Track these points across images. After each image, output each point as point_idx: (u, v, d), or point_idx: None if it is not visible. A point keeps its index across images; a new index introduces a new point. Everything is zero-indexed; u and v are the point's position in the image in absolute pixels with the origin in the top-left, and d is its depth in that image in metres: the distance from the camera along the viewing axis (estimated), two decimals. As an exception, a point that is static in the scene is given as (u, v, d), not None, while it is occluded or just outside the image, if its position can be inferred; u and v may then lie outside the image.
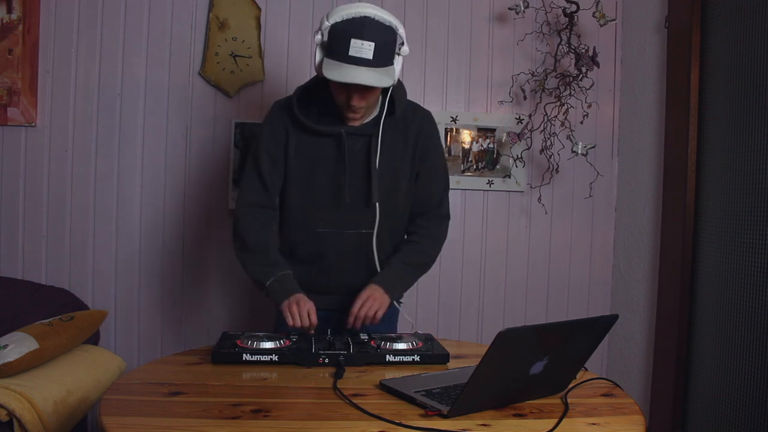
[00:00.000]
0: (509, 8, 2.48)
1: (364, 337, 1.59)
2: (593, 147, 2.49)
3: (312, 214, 1.66)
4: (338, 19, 1.45)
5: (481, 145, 2.60)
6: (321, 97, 1.62)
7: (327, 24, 1.47)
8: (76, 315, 2.04)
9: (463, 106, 2.61)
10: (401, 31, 1.51)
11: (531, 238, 2.67)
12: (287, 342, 1.51)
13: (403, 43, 1.54)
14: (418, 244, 1.73)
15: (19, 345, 1.75)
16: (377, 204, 1.62)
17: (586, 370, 1.41)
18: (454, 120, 2.58)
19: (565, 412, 1.16)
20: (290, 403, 1.19)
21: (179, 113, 2.46)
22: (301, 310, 1.51)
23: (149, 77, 2.44)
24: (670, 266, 2.29)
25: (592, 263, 2.70)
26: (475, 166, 2.60)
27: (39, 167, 2.41)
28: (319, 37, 1.50)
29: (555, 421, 1.11)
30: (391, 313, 1.75)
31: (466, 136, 2.59)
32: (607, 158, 2.69)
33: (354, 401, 1.18)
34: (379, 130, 1.61)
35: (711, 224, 2.13)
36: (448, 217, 1.78)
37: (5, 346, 1.73)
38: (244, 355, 1.43)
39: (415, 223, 1.75)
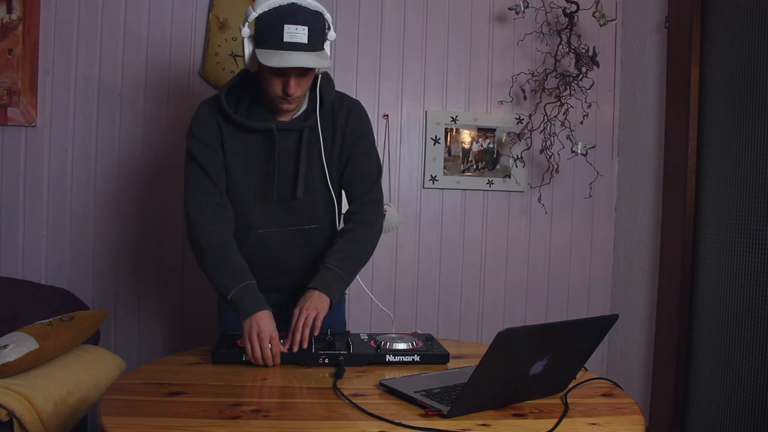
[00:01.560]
0: (509, 8, 2.48)
1: (364, 337, 1.60)
2: (593, 147, 2.49)
3: (250, 213, 1.63)
4: (266, 8, 1.44)
5: (481, 145, 2.60)
6: (249, 94, 1.60)
7: (254, 14, 1.45)
8: (76, 315, 2.04)
9: (463, 106, 2.61)
10: (327, 16, 1.51)
11: (531, 238, 2.67)
12: (287, 342, 1.51)
13: (329, 28, 1.53)
14: (353, 233, 1.65)
15: (19, 345, 1.75)
16: (333, 196, 1.62)
17: (586, 370, 1.41)
18: (454, 120, 2.58)
19: (565, 412, 1.16)
20: (290, 403, 1.19)
21: (179, 113, 2.46)
22: (263, 344, 1.41)
23: (149, 77, 2.44)
24: (670, 266, 2.29)
25: (592, 263, 2.70)
26: (475, 166, 2.60)
27: (39, 167, 2.41)
28: (246, 29, 1.49)
29: (555, 421, 1.11)
30: (336, 308, 1.68)
31: (466, 136, 2.59)
32: (607, 158, 2.69)
33: (354, 401, 1.17)
34: (317, 123, 1.59)
35: (711, 224, 2.13)
36: (380, 202, 1.73)
37: (5, 346, 1.73)
38: (244, 355, 1.43)
39: (349, 211, 1.70)
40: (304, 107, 1.63)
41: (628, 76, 2.65)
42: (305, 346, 1.46)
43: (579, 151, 2.44)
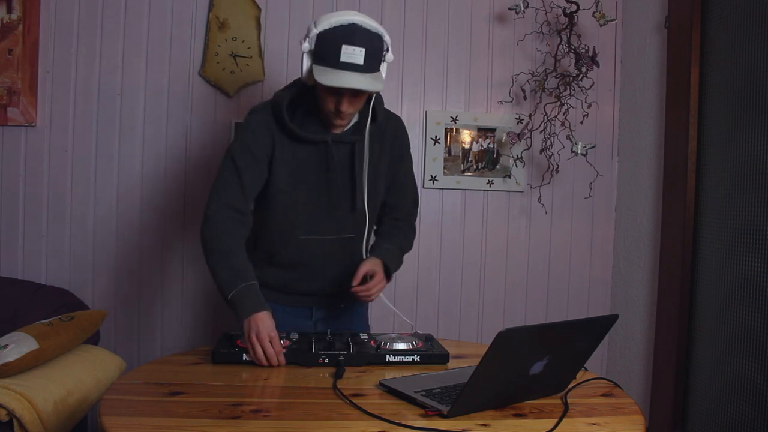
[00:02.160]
0: (509, 8, 2.48)
1: (364, 337, 1.60)
2: (593, 147, 2.49)
3: (295, 220, 1.66)
4: (327, 27, 1.46)
5: (481, 145, 2.60)
6: (305, 105, 1.63)
7: (315, 31, 1.48)
8: (76, 315, 2.04)
9: (463, 106, 2.61)
10: (387, 38, 1.54)
11: (531, 238, 2.67)
12: (287, 342, 1.51)
13: (387, 50, 1.56)
14: (405, 232, 1.82)
15: (19, 345, 1.75)
16: (366, 209, 1.65)
17: (586, 370, 1.41)
18: (454, 120, 2.58)
19: (565, 412, 1.16)
20: (290, 403, 1.19)
21: (179, 113, 2.46)
22: (264, 344, 1.42)
23: (149, 77, 2.44)
24: (670, 266, 2.29)
25: (592, 263, 2.70)
26: (475, 166, 2.60)
27: (39, 167, 2.41)
28: (306, 44, 1.51)
29: (555, 421, 1.11)
30: (361, 311, 1.86)
31: (466, 136, 2.59)
32: (607, 158, 2.69)
33: (354, 401, 1.18)
34: (365, 138, 1.63)
35: (711, 224, 2.13)
36: (416, 215, 1.91)
37: (5, 346, 1.73)
38: (244, 355, 1.43)
39: (395, 216, 1.82)
40: (354, 120, 1.66)
41: (628, 76, 2.65)
42: (372, 299, 1.64)
43: (579, 151, 2.44)
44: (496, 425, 1.09)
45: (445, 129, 2.58)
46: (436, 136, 2.57)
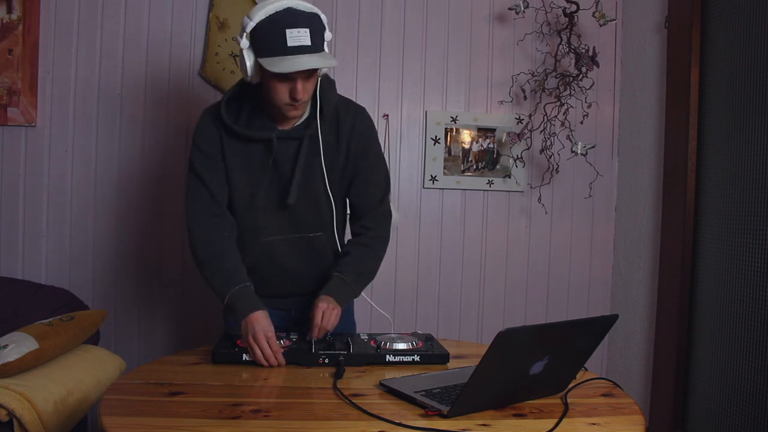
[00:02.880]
0: (509, 8, 2.48)
1: (364, 337, 1.60)
2: (593, 147, 2.49)
3: (254, 221, 1.64)
4: (263, 16, 1.43)
5: (481, 145, 2.60)
6: (249, 103, 1.59)
7: (252, 23, 1.44)
8: (76, 315, 2.04)
9: (463, 106, 2.61)
10: (323, 16, 1.50)
11: (531, 238, 2.67)
12: (287, 342, 1.51)
13: (325, 29, 1.51)
14: (369, 248, 1.67)
15: (19, 345, 1.75)
16: (333, 204, 1.60)
17: (586, 370, 1.41)
18: (454, 120, 2.58)
19: (565, 412, 1.16)
20: (290, 403, 1.19)
21: (179, 113, 2.46)
22: (261, 344, 1.42)
23: (149, 77, 2.44)
24: (670, 266, 2.29)
25: (592, 263, 2.70)
26: (475, 166, 2.60)
27: (39, 167, 2.41)
28: (245, 41, 1.47)
29: (555, 421, 1.11)
30: (345, 311, 1.70)
31: (466, 136, 2.59)
32: (607, 158, 2.69)
33: (354, 401, 1.18)
34: (317, 131, 1.58)
35: (711, 224, 2.13)
36: (390, 215, 1.74)
37: (5, 346, 1.73)
38: (244, 355, 1.43)
39: (361, 224, 1.70)
40: (306, 115, 1.61)
41: (628, 76, 2.65)
42: (331, 329, 1.52)
43: (579, 151, 2.44)
44: (496, 425, 1.09)
45: (445, 129, 2.58)
46: (436, 136, 2.57)
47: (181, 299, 2.50)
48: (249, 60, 1.48)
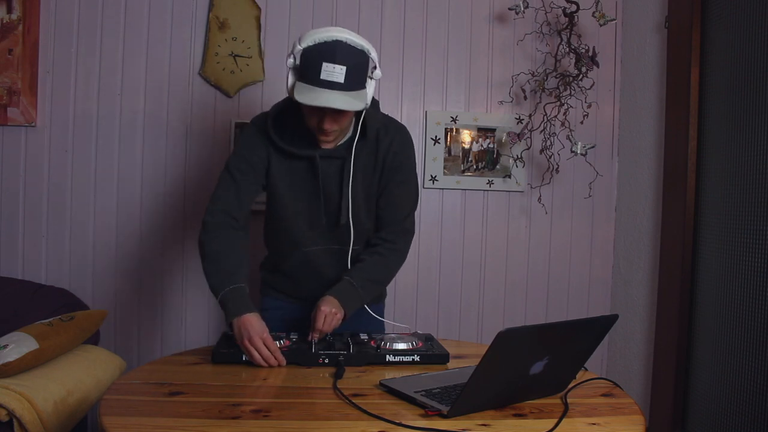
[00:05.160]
0: (509, 8, 2.48)
1: (363, 337, 1.60)
2: (593, 147, 2.48)
3: (292, 233, 1.68)
4: (310, 43, 1.45)
5: (481, 145, 2.60)
6: (295, 119, 1.62)
7: (299, 48, 1.47)
8: (76, 315, 2.04)
9: (463, 106, 2.61)
10: (373, 54, 1.51)
11: (531, 238, 2.67)
12: (287, 342, 1.51)
13: (375, 67, 1.53)
14: (384, 258, 1.69)
15: (19, 345, 1.75)
16: (351, 224, 1.64)
17: (586, 370, 1.41)
18: (454, 120, 2.58)
19: (565, 412, 1.16)
20: (290, 403, 1.19)
21: (179, 113, 2.46)
22: (258, 346, 1.42)
23: (149, 77, 2.44)
24: (670, 266, 2.29)
25: (592, 263, 2.70)
26: (475, 166, 2.60)
27: (39, 167, 2.41)
28: (291, 60, 1.50)
29: (555, 421, 1.11)
30: (375, 312, 1.77)
31: (466, 136, 2.59)
32: (607, 158, 2.69)
33: (354, 401, 1.18)
34: (351, 154, 1.62)
35: (711, 224, 2.13)
36: (412, 233, 1.76)
37: (5, 346, 1.73)
38: (244, 355, 1.43)
39: (380, 236, 1.72)
40: (349, 134, 1.64)
41: (628, 76, 2.65)
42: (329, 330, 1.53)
43: (579, 151, 2.44)
44: (496, 425, 1.09)
45: (445, 129, 2.58)
46: (436, 136, 2.57)
47: (181, 299, 2.50)
48: (291, 80, 1.51)
